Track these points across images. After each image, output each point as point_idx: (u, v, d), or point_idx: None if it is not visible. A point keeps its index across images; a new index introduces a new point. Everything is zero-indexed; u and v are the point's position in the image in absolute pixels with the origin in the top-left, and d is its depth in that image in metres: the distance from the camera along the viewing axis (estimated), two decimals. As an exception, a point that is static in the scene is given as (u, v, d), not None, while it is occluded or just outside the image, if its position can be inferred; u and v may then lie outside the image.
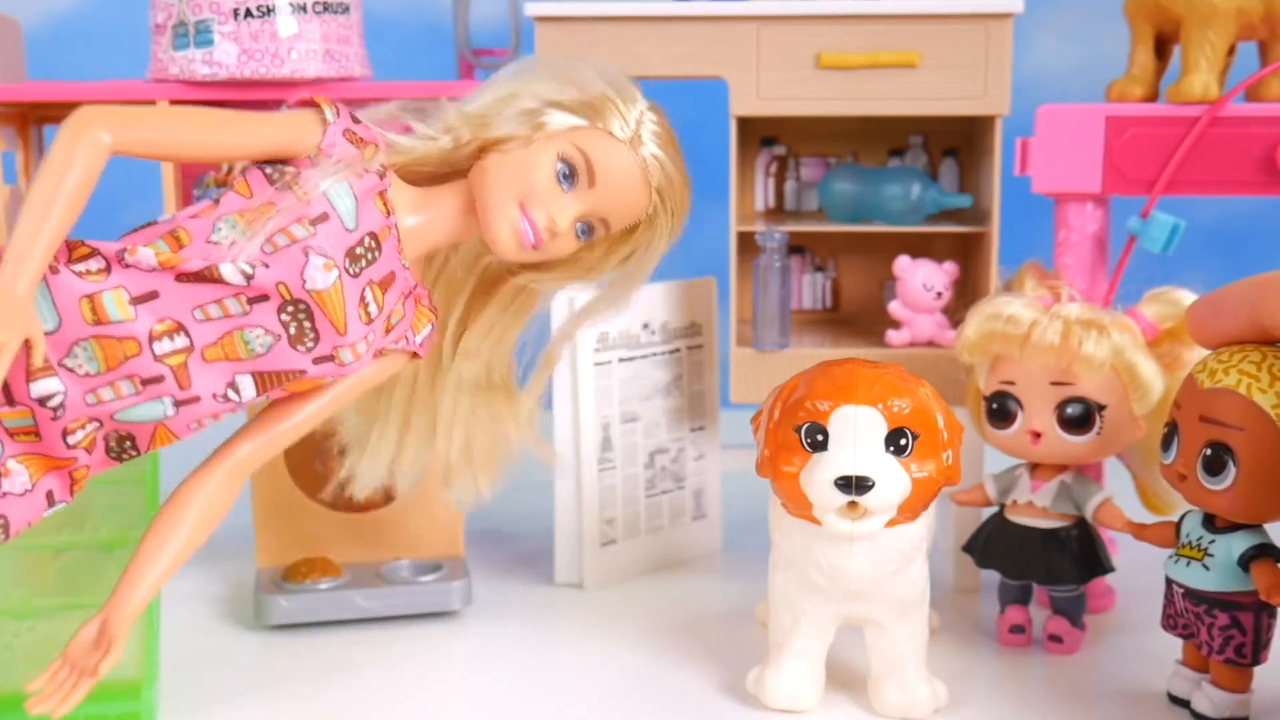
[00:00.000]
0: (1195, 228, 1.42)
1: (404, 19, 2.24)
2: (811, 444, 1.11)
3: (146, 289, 0.98)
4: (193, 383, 1.00)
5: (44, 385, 0.96)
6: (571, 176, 1.06)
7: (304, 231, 1.00)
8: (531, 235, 1.06)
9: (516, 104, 1.08)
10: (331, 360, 1.03)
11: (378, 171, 1.05)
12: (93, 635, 1.03)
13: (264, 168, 1.04)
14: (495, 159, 1.07)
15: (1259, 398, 1.06)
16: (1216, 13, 1.35)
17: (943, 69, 1.41)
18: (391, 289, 1.06)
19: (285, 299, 1.00)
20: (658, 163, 1.08)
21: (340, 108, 1.07)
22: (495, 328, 1.19)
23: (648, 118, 1.09)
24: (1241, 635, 1.12)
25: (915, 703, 1.18)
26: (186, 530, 1.05)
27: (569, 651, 1.34)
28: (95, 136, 0.95)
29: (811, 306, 1.66)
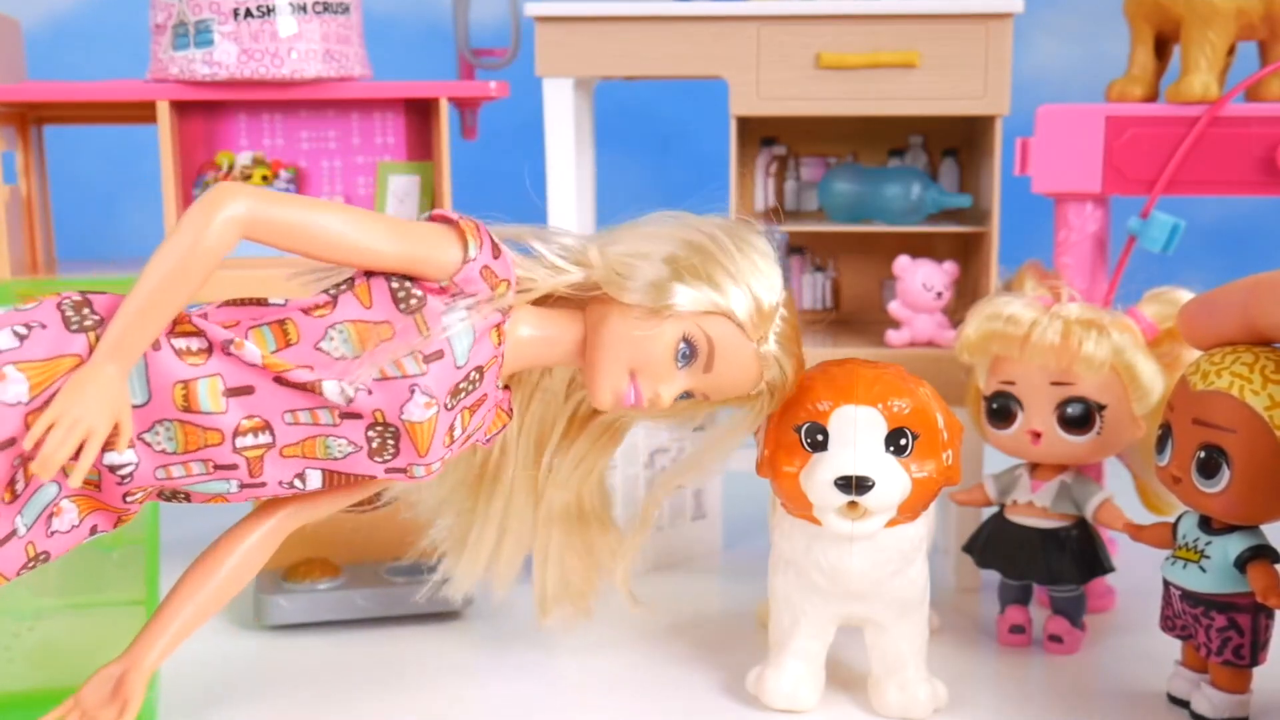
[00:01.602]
0: (1195, 228, 1.42)
1: (404, 19, 2.24)
2: (811, 444, 1.11)
3: (243, 383, 0.95)
4: (264, 473, 0.98)
5: (119, 456, 0.94)
6: (689, 358, 1.04)
7: (415, 368, 0.96)
8: (633, 399, 1.04)
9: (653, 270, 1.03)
10: (403, 472, 1.02)
11: (502, 310, 1.01)
12: (110, 686, 1.02)
13: (390, 280, 0.97)
14: (620, 319, 1.03)
15: (1252, 399, 1.06)
16: (1216, 13, 1.35)
17: (943, 69, 1.41)
18: (480, 409, 1.04)
19: (377, 421, 0.98)
20: (777, 363, 1.07)
21: (484, 238, 1.00)
22: (586, 458, 1.17)
23: (780, 322, 1.07)
24: (1239, 636, 1.12)
25: (915, 703, 1.18)
26: (215, 588, 1.05)
27: (569, 651, 1.34)
28: (233, 218, 0.91)
29: (811, 306, 1.66)
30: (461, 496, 1.19)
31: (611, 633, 1.37)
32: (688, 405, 1.12)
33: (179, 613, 1.04)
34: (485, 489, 1.18)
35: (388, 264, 0.97)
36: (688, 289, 1.03)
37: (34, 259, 1.59)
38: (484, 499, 1.18)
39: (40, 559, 0.96)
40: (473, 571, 1.21)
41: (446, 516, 1.20)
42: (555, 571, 1.22)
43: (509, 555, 1.21)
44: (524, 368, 1.08)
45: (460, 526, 1.20)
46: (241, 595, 1.44)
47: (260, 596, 1.37)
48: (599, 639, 1.36)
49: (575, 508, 1.20)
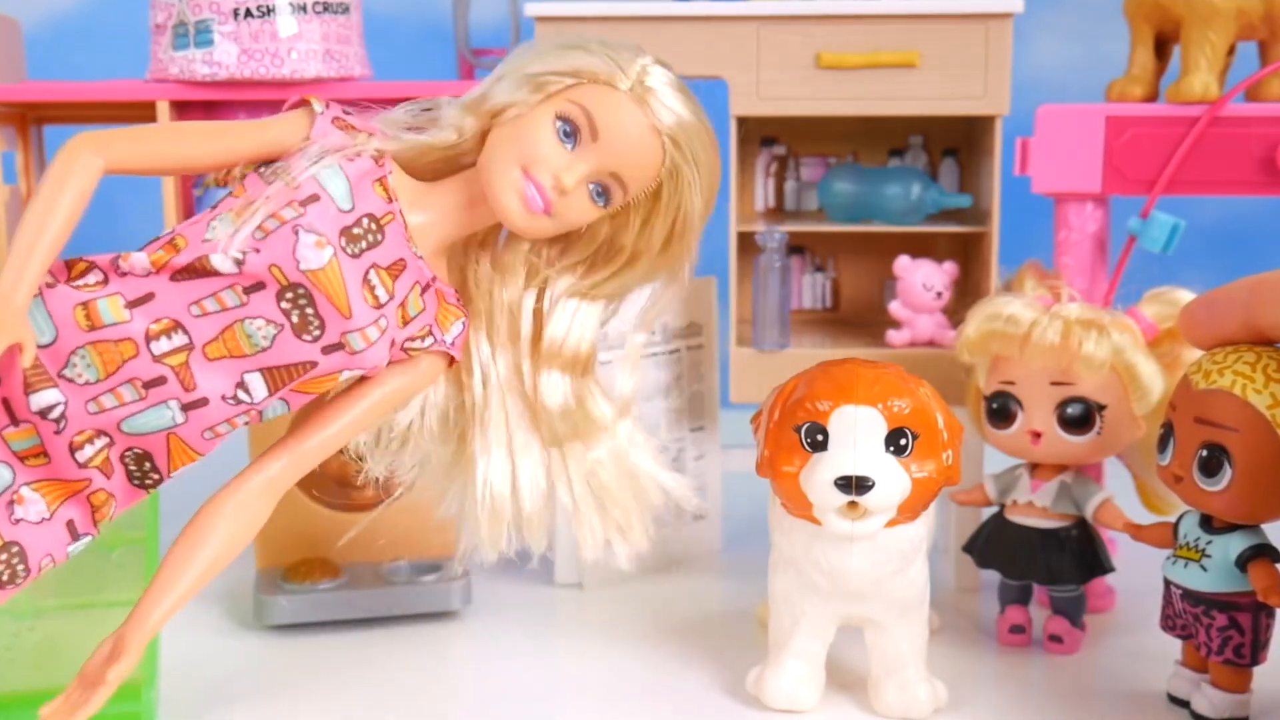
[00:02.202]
0: (1195, 228, 1.42)
1: (404, 19, 2.24)
2: (811, 444, 1.11)
3: (142, 292, 0.97)
4: (197, 383, 0.97)
5: (44, 396, 0.95)
6: (573, 134, 1.02)
7: (293, 213, 0.98)
8: (539, 198, 1.01)
9: (514, 76, 1.05)
10: (341, 348, 1.00)
11: (374, 157, 1.03)
12: (107, 651, 1.01)
13: (259, 169, 1.03)
14: (496, 133, 1.04)
15: (1254, 398, 1.06)
16: (1216, 13, 1.35)
17: (943, 69, 1.41)
18: (402, 276, 1.02)
19: (282, 284, 0.97)
20: (666, 109, 1.02)
21: (331, 101, 1.06)
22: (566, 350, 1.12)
23: (652, 68, 1.03)
24: (1240, 636, 1.12)
25: (915, 703, 1.18)
26: (213, 547, 1.03)
27: (569, 651, 1.34)
28: (86, 159, 0.97)
29: (811, 306, 1.66)
30: (458, 450, 1.13)
31: (611, 633, 1.37)
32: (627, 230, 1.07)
33: (181, 575, 1.02)
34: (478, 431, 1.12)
35: (246, 155, 1.03)
36: (548, 73, 1.03)
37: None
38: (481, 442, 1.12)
39: (13, 555, 0.96)
40: (499, 527, 1.13)
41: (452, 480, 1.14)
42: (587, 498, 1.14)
43: (530, 497, 1.12)
44: (437, 246, 1.07)
45: (468, 486, 1.12)
46: (241, 595, 1.45)
47: (260, 596, 1.37)
48: (599, 639, 1.36)
49: (580, 420, 1.13)
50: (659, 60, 1.05)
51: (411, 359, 1.06)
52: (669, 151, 1.04)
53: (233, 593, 1.47)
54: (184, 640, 1.34)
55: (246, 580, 1.47)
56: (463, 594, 1.40)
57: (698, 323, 1.57)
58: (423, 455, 1.14)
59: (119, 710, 1.14)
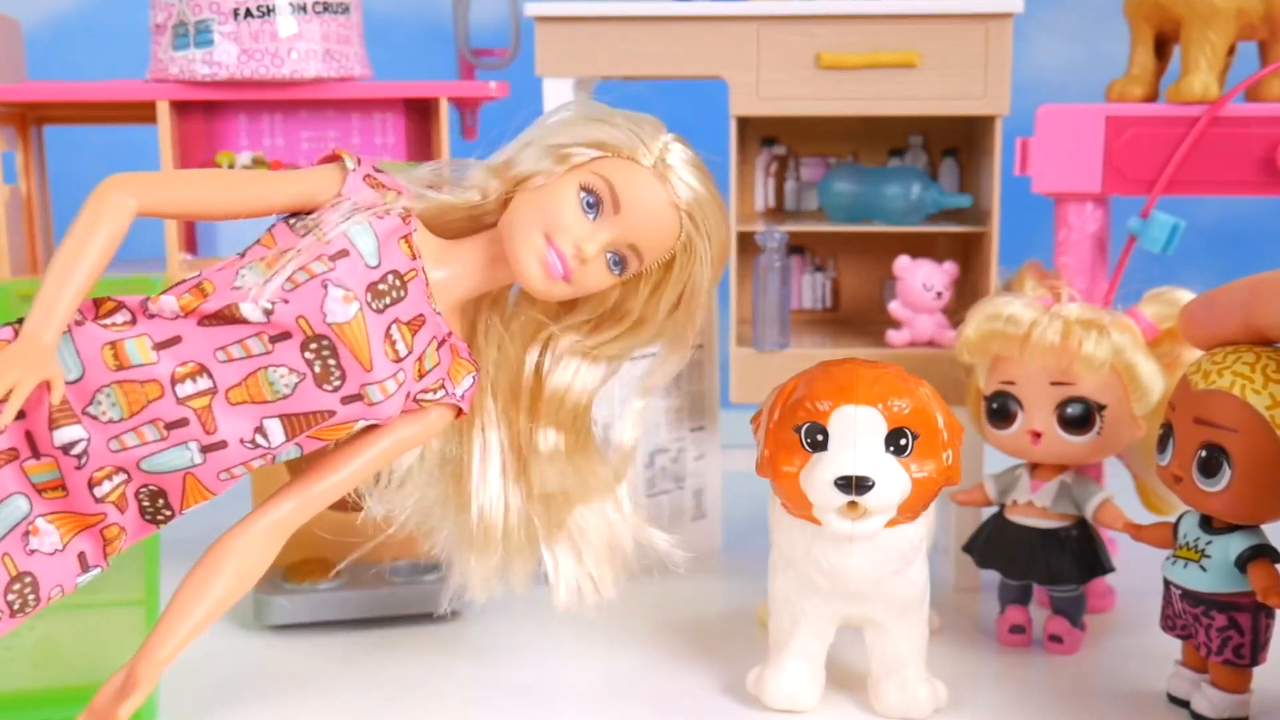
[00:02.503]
0: (1195, 228, 1.42)
1: (404, 19, 2.24)
2: (811, 444, 1.11)
3: (169, 335, 0.98)
4: (218, 426, 0.99)
5: (67, 433, 0.96)
6: (596, 205, 1.06)
7: (323, 267, 1.00)
8: (559, 265, 1.05)
9: (540, 144, 1.08)
10: (360, 399, 1.02)
11: (401, 215, 1.05)
12: (117, 685, 1.02)
13: (288, 219, 1.05)
14: (520, 199, 1.07)
15: (1253, 399, 1.06)
16: (1216, 13, 1.35)
17: (943, 69, 1.41)
18: (421, 331, 1.05)
19: (307, 335, 0.99)
20: (685, 186, 1.07)
21: (362, 158, 1.08)
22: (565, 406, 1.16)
23: (673, 145, 1.08)
24: (1239, 636, 1.12)
25: (915, 703, 1.18)
26: (222, 585, 1.04)
27: (569, 651, 1.34)
28: (120, 200, 0.98)
29: (811, 306, 1.66)
30: (454, 491, 1.18)
31: (611, 633, 1.37)
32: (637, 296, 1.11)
33: (190, 611, 1.04)
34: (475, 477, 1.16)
35: (277, 206, 1.05)
36: (573, 144, 1.06)
37: (34, 259, 1.59)
38: (476, 487, 1.17)
39: (26, 585, 0.97)
40: (488, 569, 1.19)
41: (445, 519, 1.19)
42: (565, 548, 1.19)
43: (518, 541, 1.18)
44: (456, 301, 1.09)
45: (461, 525, 1.19)
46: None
47: (260, 596, 1.37)
48: (599, 639, 1.36)
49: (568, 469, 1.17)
50: (678, 137, 1.09)
51: (422, 409, 1.09)
52: (685, 226, 1.08)
53: (233, 593, 1.47)
54: (184, 640, 1.34)
55: (246, 580, 1.47)
56: (463, 594, 1.40)
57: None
58: (420, 496, 1.18)
59: (119, 710, 1.14)
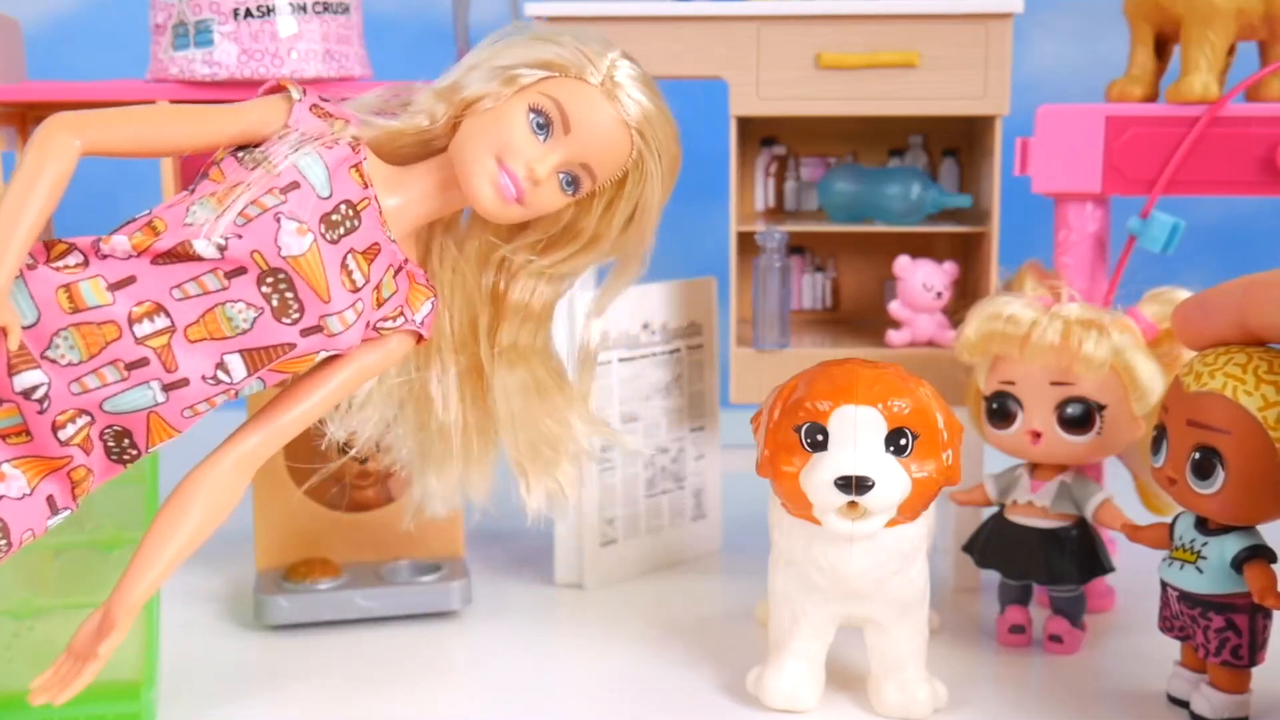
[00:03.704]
0: (1195, 228, 1.42)
1: (404, 19, 2.24)
2: (811, 444, 1.11)
3: (124, 275, 0.98)
4: (179, 364, 0.99)
5: (27, 378, 0.96)
6: (546, 126, 1.05)
7: (275, 200, 1.00)
8: (512, 187, 1.05)
9: (486, 66, 1.08)
10: (319, 331, 1.02)
11: (350, 144, 1.05)
12: (94, 625, 1.03)
13: (236, 153, 1.05)
14: (470, 122, 1.07)
15: (1245, 400, 1.06)
16: (1216, 13, 1.35)
17: (943, 69, 1.41)
18: (377, 260, 1.05)
19: (263, 269, 0.99)
20: (634, 102, 1.07)
21: (307, 88, 1.08)
22: (525, 324, 1.16)
23: (620, 63, 1.08)
24: (1237, 637, 1.12)
25: (915, 703, 1.18)
26: (192, 522, 1.04)
27: (569, 651, 1.34)
28: (64, 141, 0.97)
29: (811, 306, 1.66)
30: (413, 409, 1.18)
31: (611, 633, 1.37)
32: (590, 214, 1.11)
33: (162, 549, 1.03)
34: (435, 392, 1.17)
35: (223, 139, 1.04)
36: (521, 65, 1.06)
37: (34, 259, 1.59)
38: (436, 403, 1.17)
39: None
40: (448, 482, 1.19)
41: (406, 437, 1.19)
42: (525, 445, 1.19)
43: (478, 454, 1.19)
44: (410, 228, 1.09)
45: (421, 441, 1.19)
46: (241, 595, 1.45)
47: (260, 596, 1.37)
48: (599, 639, 1.36)
49: (531, 381, 1.18)
50: (626, 54, 1.09)
51: (382, 337, 1.09)
52: (636, 143, 1.07)
53: (233, 593, 1.48)
54: (184, 640, 1.34)
55: (246, 580, 1.47)
56: (463, 594, 1.40)
57: (698, 323, 1.57)
58: (379, 418, 1.18)
59: (119, 710, 1.14)
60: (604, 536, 1.51)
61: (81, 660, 1.02)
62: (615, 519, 1.52)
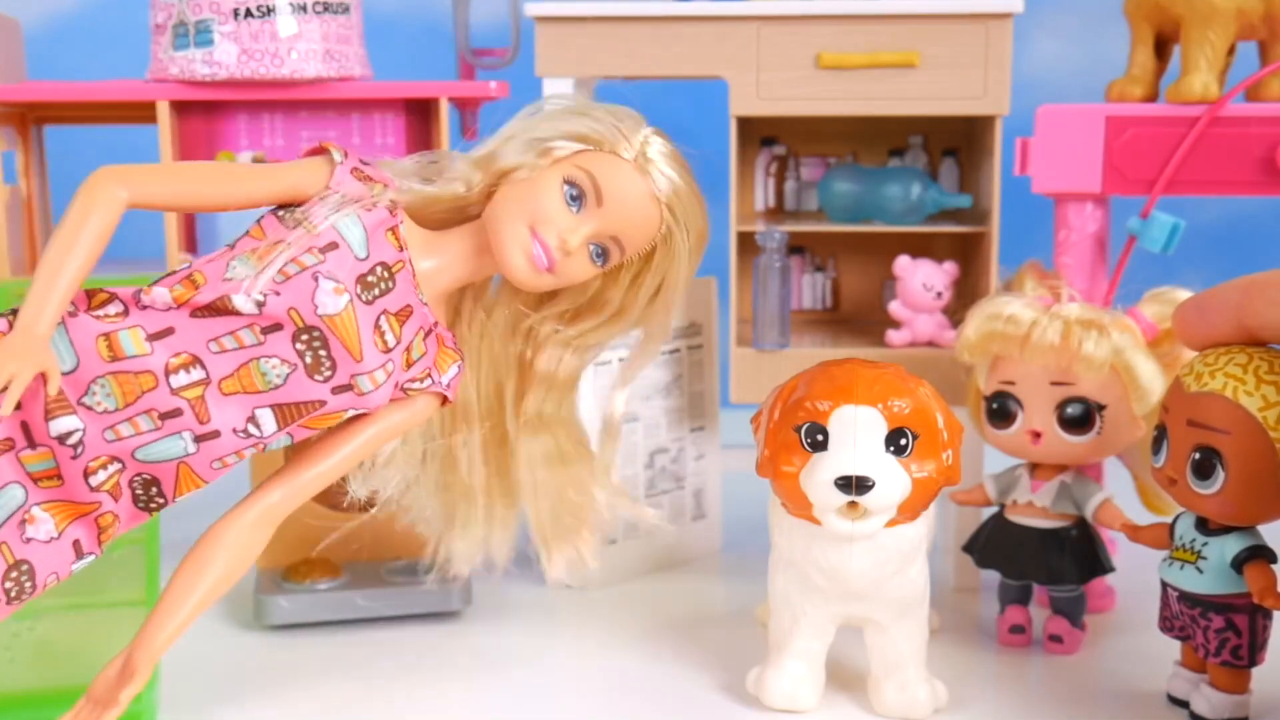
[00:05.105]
0: (1195, 228, 1.42)
1: (404, 19, 2.24)
2: (811, 444, 1.11)
3: (162, 326, 0.99)
4: (212, 417, 1.00)
5: (63, 423, 0.97)
6: (579, 198, 1.07)
7: (313, 260, 1.01)
8: (544, 257, 1.06)
9: (522, 138, 1.10)
10: (350, 389, 1.03)
11: (388, 207, 1.07)
12: (115, 671, 1.03)
13: (277, 211, 1.06)
14: (505, 191, 1.08)
15: (1245, 400, 1.06)
16: (1216, 13, 1.35)
17: (943, 69, 1.41)
18: (409, 322, 1.06)
19: (299, 326, 1.00)
20: (665, 178, 1.09)
21: (349, 151, 1.10)
22: (551, 393, 1.18)
23: (653, 139, 1.10)
24: (1237, 637, 1.12)
25: (915, 703, 1.18)
26: (214, 574, 1.05)
27: (569, 651, 1.34)
28: (110, 193, 0.99)
29: (811, 306, 1.66)
30: (437, 470, 1.20)
31: (612, 633, 1.37)
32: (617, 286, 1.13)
33: (184, 600, 1.05)
34: (460, 460, 1.19)
35: (265, 199, 1.06)
36: (556, 136, 1.08)
37: (34, 259, 1.59)
38: (460, 466, 1.20)
39: (22, 572, 0.98)
40: (471, 543, 1.23)
41: (429, 497, 1.22)
42: (547, 510, 1.22)
43: (501, 517, 1.22)
44: (442, 291, 1.11)
45: (445, 502, 1.21)
46: (241, 595, 1.45)
47: (260, 596, 1.37)
48: (599, 639, 1.36)
49: (555, 451, 1.21)
50: (658, 131, 1.11)
51: (409, 398, 1.10)
52: (665, 218, 1.10)
53: (233, 593, 1.47)
54: (184, 640, 1.33)
55: (246, 580, 1.47)
56: (463, 594, 1.40)
57: (698, 323, 1.57)
58: (402, 477, 1.19)
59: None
60: (604, 536, 1.50)
61: (102, 707, 1.03)
62: (615, 519, 1.51)
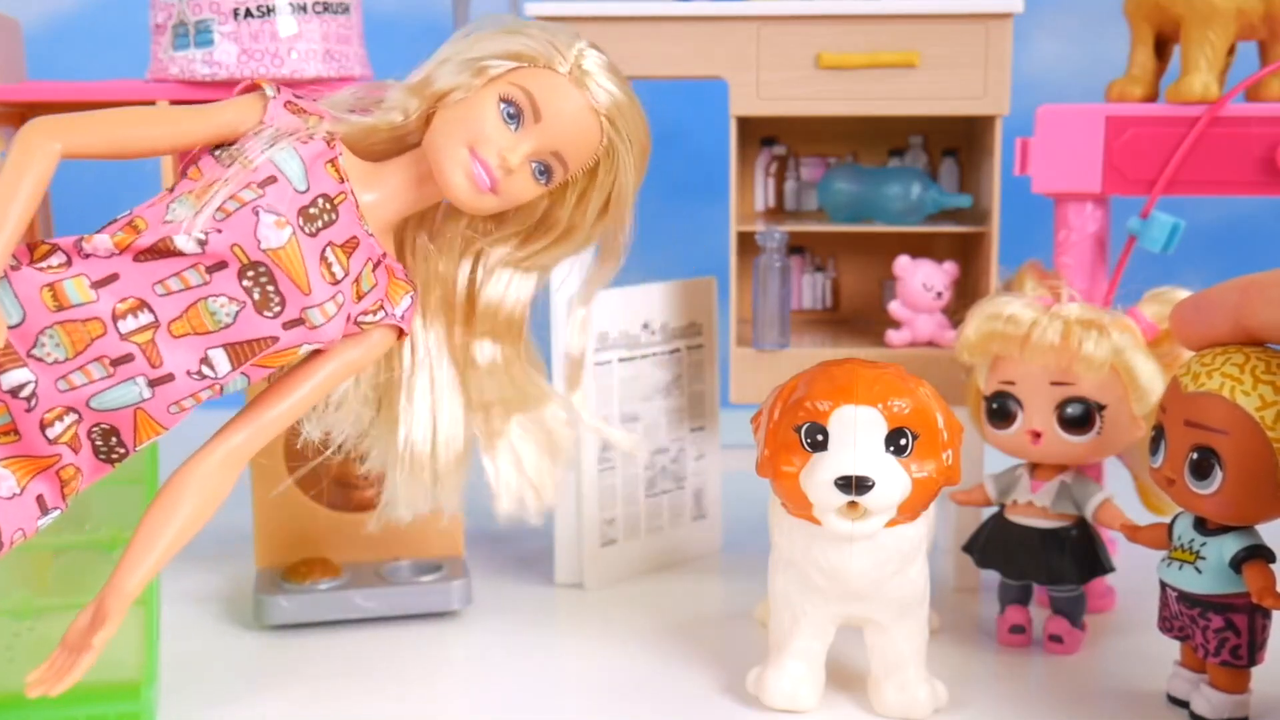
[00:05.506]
0: (1195, 228, 1.42)
1: (404, 19, 2.24)
2: (811, 444, 1.11)
3: (106, 273, 0.99)
4: (164, 360, 1.00)
5: (14, 376, 0.97)
6: (517, 115, 1.07)
7: (253, 194, 1.01)
8: (485, 177, 1.06)
9: (456, 60, 1.09)
10: (301, 324, 1.03)
11: (325, 139, 1.07)
12: (88, 618, 1.03)
13: (213, 151, 1.06)
14: (442, 114, 1.08)
15: (1242, 400, 1.06)
16: (1216, 13, 1.35)
17: (943, 69, 1.41)
18: (356, 253, 1.06)
19: (244, 263, 1.00)
20: (603, 91, 1.08)
21: (281, 86, 1.10)
22: (500, 317, 1.16)
23: (588, 51, 1.09)
24: (1236, 637, 1.12)
25: (915, 703, 1.18)
26: (183, 515, 1.05)
27: (569, 651, 1.34)
28: (44, 145, 0.99)
29: (811, 306, 1.66)
30: (387, 412, 1.17)
31: (612, 633, 1.37)
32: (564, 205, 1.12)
33: (154, 544, 1.04)
34: (404, 394, 1.16)
35: (200, 138, 1.06)
36: (490, 56, 1.07)
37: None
38: (403, 406, 1.17)
39: None
40: (419, 488, 1.18)
41: (378, 439, 1.19)
42: (505, 457, 1.20)
43: (446, 460, 1.18)
44: (387, 223, 1.11)
45: (392, 444, 1.18)
46: (241, 595, 1.45)
47: (260, 596, 1.37)
48: (599, 639, 1.36)
49: (505, 377, 1.18)
50: (593, 44, 1.11)
51: (363, 332, 1.10)
52: (606, 130, 1.09)
53: (233, 593, 1.48)
54: (184, 640, 1.34)
55: (246, 580, 1.47)
56: (463, 594, 1.40)
57: (698, 323, 1.57)
58: (356, 418, 1.18)
59: (119, 710, 1.14)
60: (604, 536, 1.51)
61: (76, 653, 1.02)
62: (615, 519, 1.52)
